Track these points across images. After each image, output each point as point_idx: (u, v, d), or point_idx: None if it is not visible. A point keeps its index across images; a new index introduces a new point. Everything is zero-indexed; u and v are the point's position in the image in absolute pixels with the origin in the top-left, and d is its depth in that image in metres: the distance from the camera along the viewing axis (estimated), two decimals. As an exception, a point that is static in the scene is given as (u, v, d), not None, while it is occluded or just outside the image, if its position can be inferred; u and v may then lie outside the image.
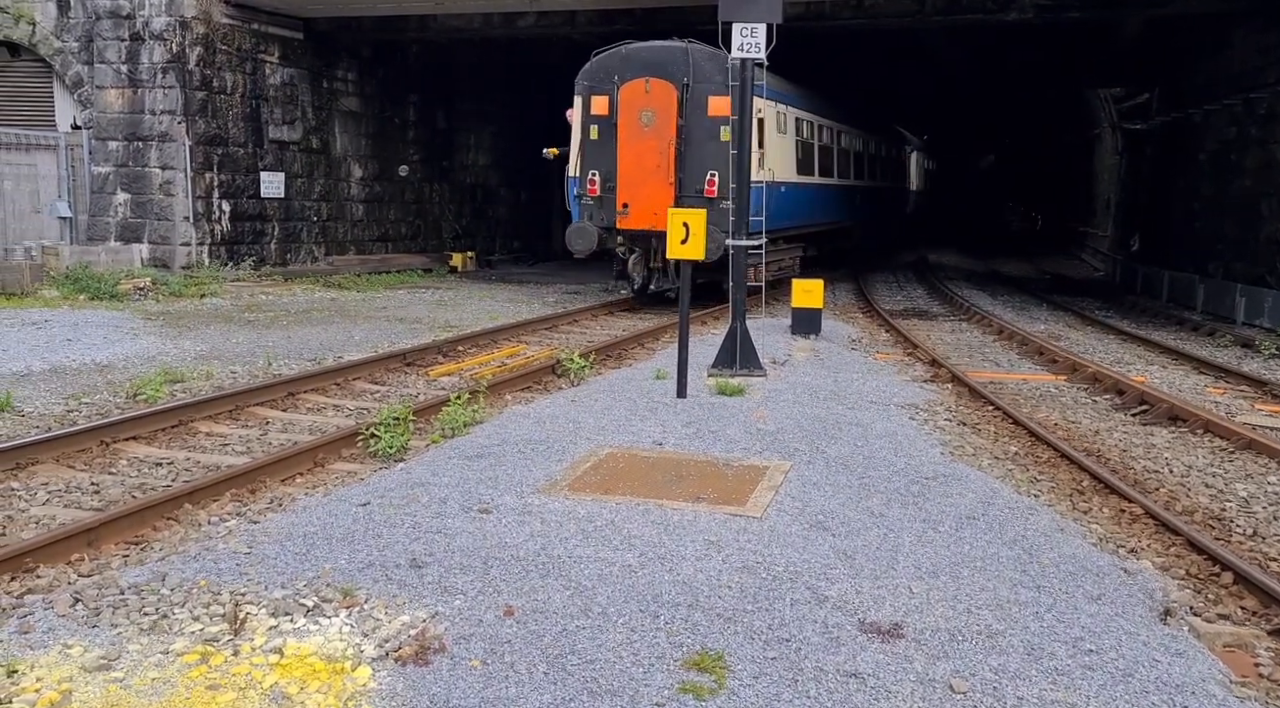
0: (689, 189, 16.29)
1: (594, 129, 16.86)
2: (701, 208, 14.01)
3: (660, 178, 16.45)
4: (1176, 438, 9.59)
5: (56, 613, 4.57)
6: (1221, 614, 5.40)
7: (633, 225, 16.63)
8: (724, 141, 15.13)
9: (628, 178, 16.54)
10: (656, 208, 15.62)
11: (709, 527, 5.88)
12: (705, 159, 16.13)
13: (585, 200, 17.07)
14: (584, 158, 17.08)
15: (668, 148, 16.40)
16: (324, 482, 7.28)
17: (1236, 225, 20.34)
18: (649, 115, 16.40)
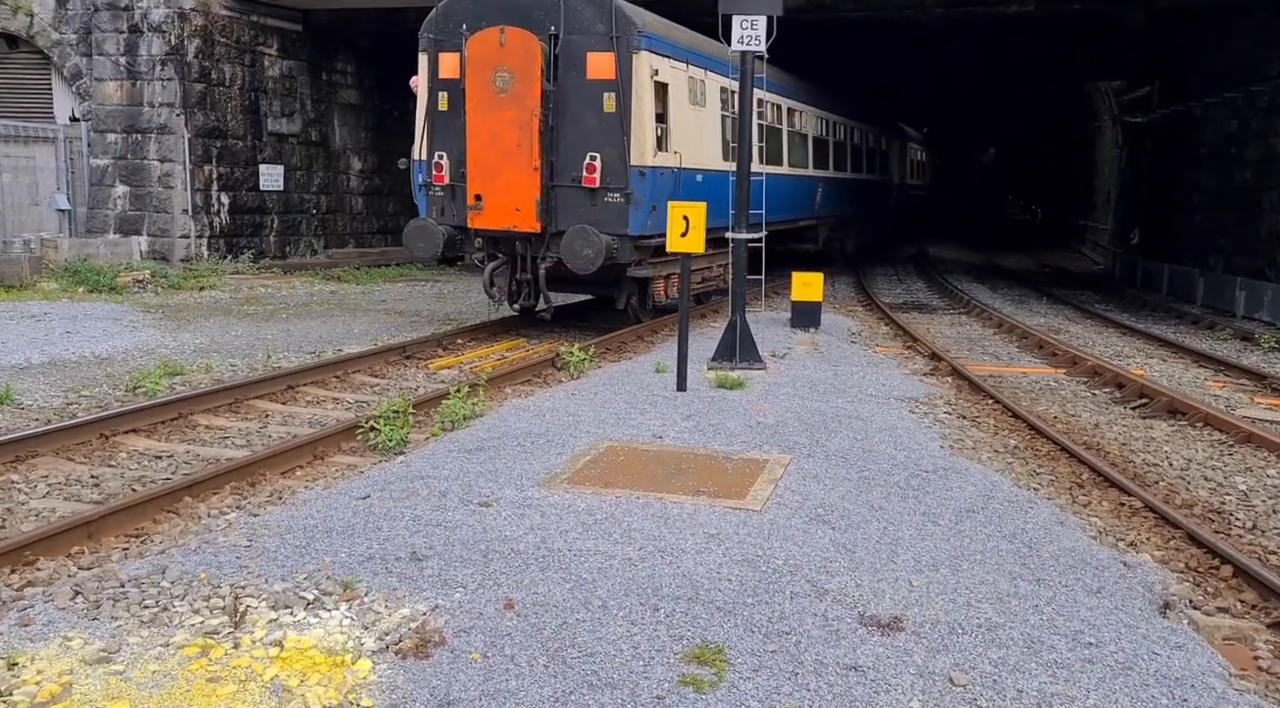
0: (563, 176, 12.62)
1: (443, 97, 13.10)
2: (581, 200, 12.46)
3: (522, 161, 12.44)
4: (1176, 432, 9.60)
5: (57, 606, 4.57)
6: (1221, 608, 5.41)
7: (487, 224, 12.75)
8: (609, 113, 12.35)
9: (480, 162, 12.55)
10: (519, 201, 12.46)
11: (709, 520, 5.88)
12: (584, 137, 12.47)
13: (433, 191, 13.27)
14: (430, 135, 13.23)
15: (530, 121, 12.33)
16: (324, 475, 7.28)
17: (1237, 219, 20.33)
18: (506, 77, 12.33)
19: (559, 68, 12.58)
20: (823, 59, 23.23)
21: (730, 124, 15.21)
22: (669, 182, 13.18)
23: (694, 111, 14.42)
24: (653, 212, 12.47)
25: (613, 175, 12.41)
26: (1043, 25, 23.10)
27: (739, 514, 6.01)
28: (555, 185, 12.65)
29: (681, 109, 13.82)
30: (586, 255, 12.04)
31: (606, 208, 12.48)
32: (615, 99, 12.35)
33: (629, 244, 12.64)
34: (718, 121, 15.43)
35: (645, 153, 12.52)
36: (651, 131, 12.62)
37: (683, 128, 13.79)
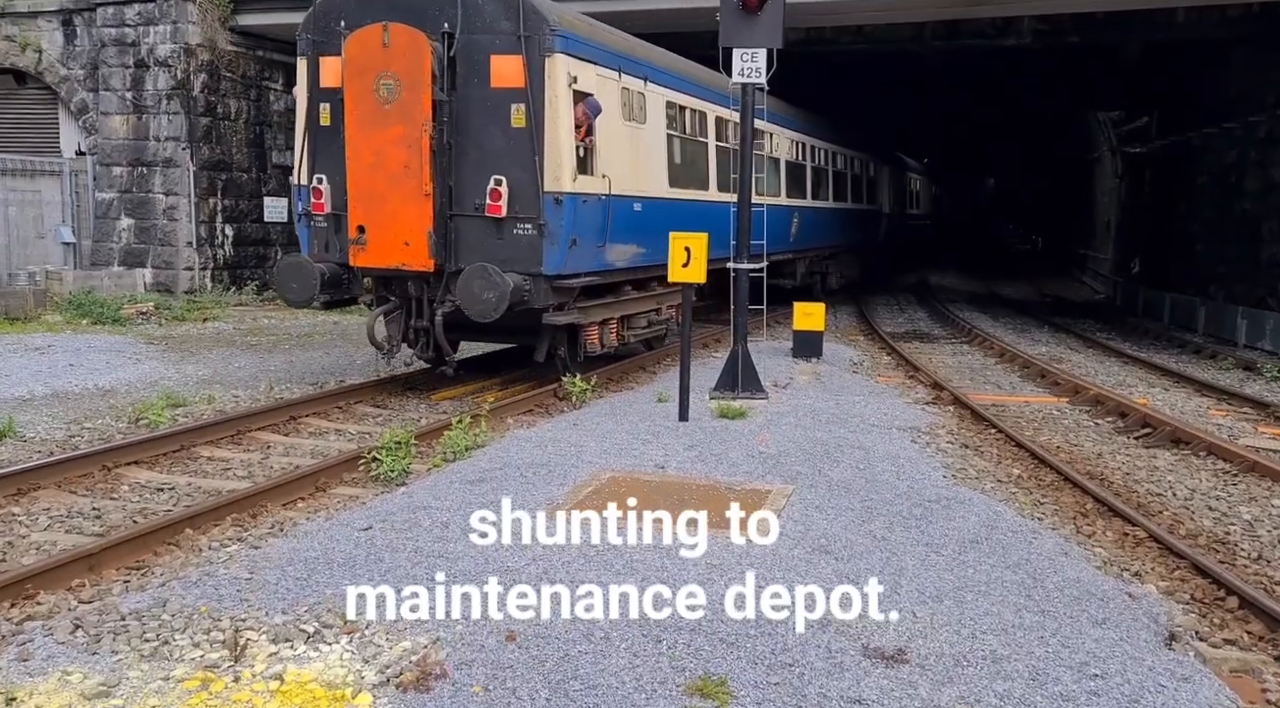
0: (463, 204, 10.55)
1: (324, 110, 10.95)
2: (485, 232, 10.43)
3: (410, 186, 10.34)
4: (1180, 461, 9.57)
5: (56, 640, 4.55)
6: (1227, 639, 5.37)
7: (372, 262, 10.65)
8: (517, 129, 10.31)
9: (361, 187, 10.52)
10: (408, 234, 10.38)
11: (711, 551, 5.85)
12: (488, 157, 10.45)
13: (315, 221, 11.18)
14: (311, 155, 11.14)
15: (420, 138, 10.25)
16: (326, 506, 7.26)
17: (1237, 248, 20.39)
18: (390, 85, 10.29)
19: (457, 74, 10.45)
20: (822, 91, 23.43)
21: (680, 145, 13.82)
22: (595, 211, 11.07)
23: (630, 129, 12.16)
24: (573, 246, 10.61)
25: (523, 203, 10.35)
26: (1041, 57, 23.31)
27: (741, 545, 5.97)
28: (455, 215, 10.58)
29: (612, 125, 11.56)
30: (487, 300, 9.98)
31: (516, 242, 10.46)
32: (525, 111, 10.29)
33: (544, 285, 10.54)
34: (662, 141, 13.15)
35: (562, 176, 10.43)
36: (570, 151, 10.53)
37: (614, 147, 11.52)
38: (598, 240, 11.21)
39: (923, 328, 21.28)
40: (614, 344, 12.23)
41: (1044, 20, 19.55)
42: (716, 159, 14.97)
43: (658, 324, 13.76)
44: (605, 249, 11.49)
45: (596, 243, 11.19)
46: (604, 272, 11.64)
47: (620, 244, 11.88)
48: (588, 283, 11.13)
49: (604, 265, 11.59)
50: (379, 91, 10.35)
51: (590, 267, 11.06)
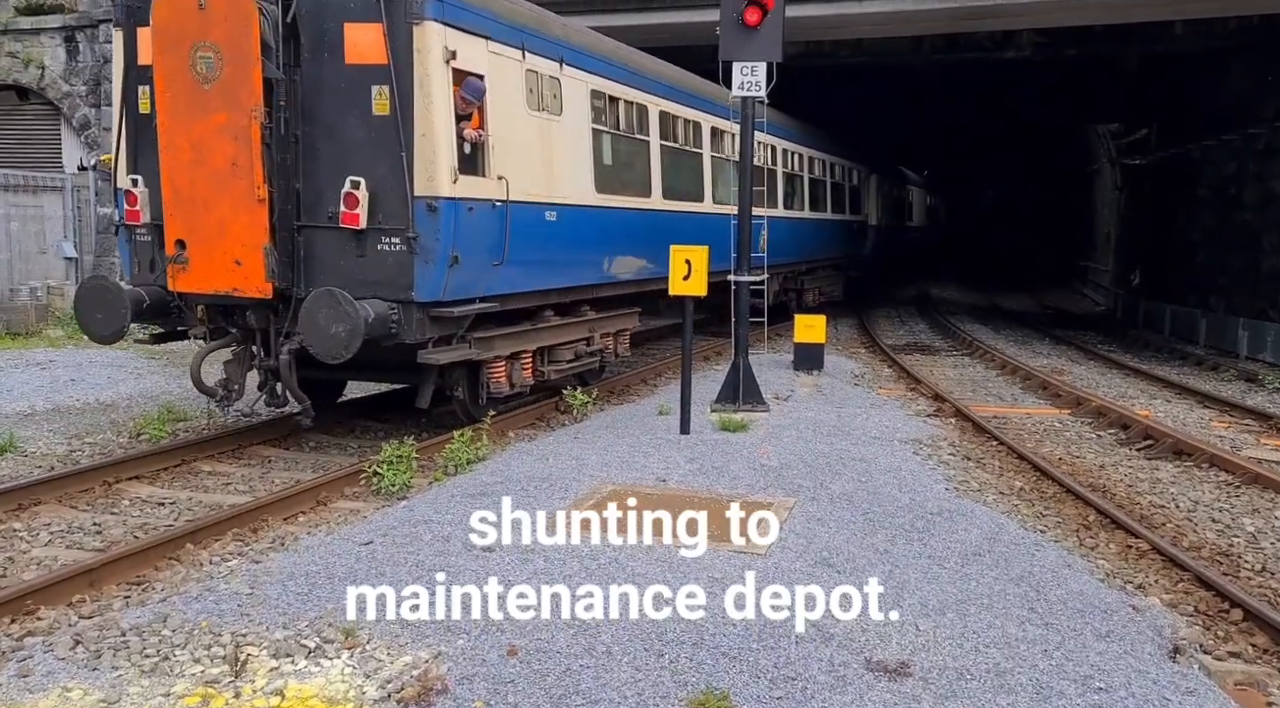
0: (315, 212, 8.54)
1: (143, 94, 8.97)
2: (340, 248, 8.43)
3: (240, 188, 8.28)
4: (1182, 472, 9.55)
5: (56, 656, 4.53)
6: (1232, 652, 5.35)
7: (195, 286, 8.63)
8: (380, 117, 8.34)
9: (180, 190, 8.46)
10: (238, 250, 8.35)
11: (713, 564, 5.84)
12: (342, 152, 8.46)
13: (136, 233, 9.21)
14: (129, 150, 9.17)
15: (249, 127, 8.20)
16: (327, 520, 7.25)
17: (1238, 260, 20.41)
18: (210, 59, 8.22)
19: (301, 45, 8.42)
20: (821, 104, 23.50)
21: (612, 144, 11.73)
22: (486, 220, 9.07)
23: (538, 121, 10.02)
24: (454, 265, 8.57)
25: (388, 211, 8.37)
26: (1040, 70, 23.40)
27: (743, 558, 5.97)
28: (303, 226, 8.55)
29: (513, 115, 9.52)
30: (335, 335, 7.94)
31: (381, 261, 8.43)
32: (389, 95, 8.29)
33: (417, 315, 8.53)
34: (586, 138, 11.05)
35: (437, 177, 8.38)
36: (449, 145, 8.52)
37: (516, 143, 9.50)
38: (492, 257, 9.18)
39: (924, 340, 21.28)
40: (528, 383, 10.29)
41: (1043, 33, 19.64)
42: (662, 161, 13.05)
43: (588, 356, 11.61)
44: (504, 268, 9.37)
45: (491, 260, 9.16)
46: (505, 296, 9.58)
47: (527, 261, 9.84)
48: (482, 310, 9.15)
49: (505, 288, 9.53)
50: (196, 67, 8.24)
51: (483, 290, 9.13)
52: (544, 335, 10.64)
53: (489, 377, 9.77)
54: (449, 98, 8.59)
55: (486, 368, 9.69)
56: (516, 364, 10.08)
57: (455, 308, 8.80)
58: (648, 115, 12.82)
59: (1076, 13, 17.19)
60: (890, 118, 31.09)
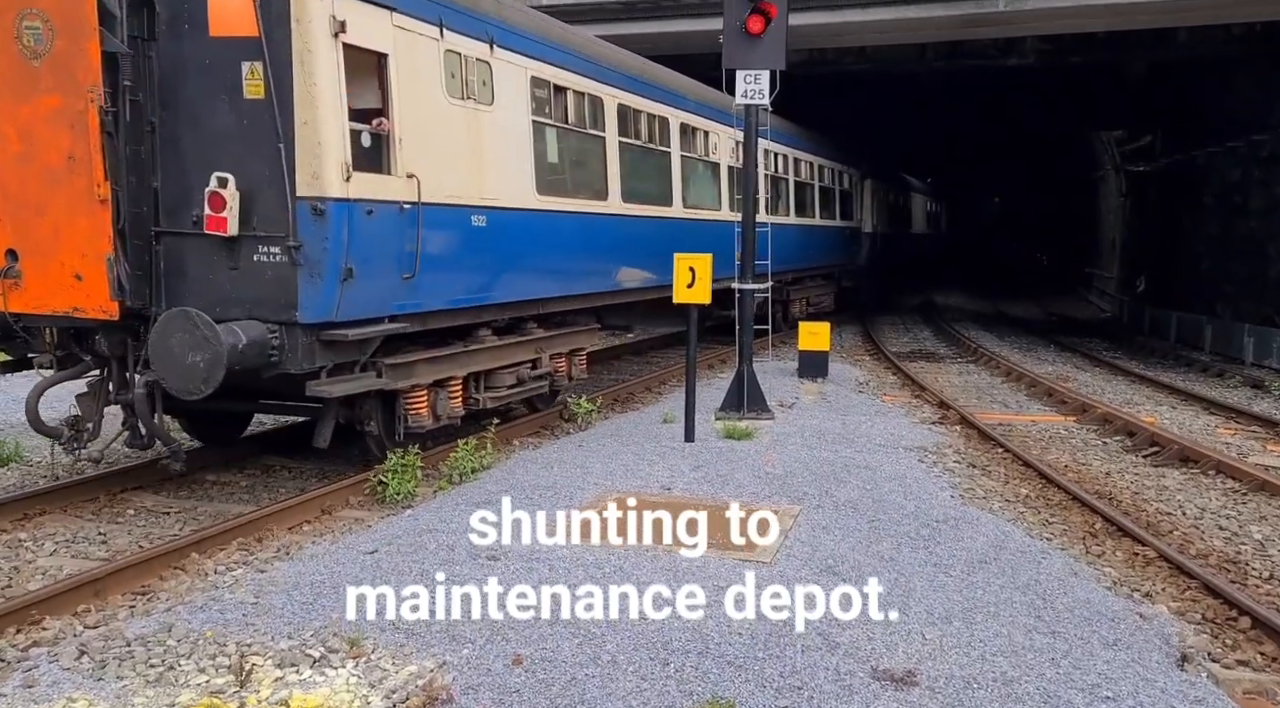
0: (177, 215, 7.18)
1: None
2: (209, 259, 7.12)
3: (78, 187, 6.99)
4: (1189, 480, 9.52)
5: (62, 666, 4.54)
6: (1240, 660, 5.32)
7: (31, 305, 7.27)
8: (253, 101, 7.03)
9: (7, 188, 7.22)
10: (79, 262, 7.04)
11: (718, 572, 5.83)
12: (209, 144, 7.15)
13: None
14: None
15: (86, 111, 6.91)
16: (331, 529, 7.25)
17: (1243, 266, 20.38)
18: (38, 29, 6.95)
19: (155, 14, 7.09)
20: (824, 111, 23.50)
21: (558, 139, 10.44)
22: (392, 226, 7.75)
23: (462, 112, 8.68)
24: (349, 280, 7.24)
25: (264, 214, 7.06)
26: (1044, 77, 23.41)
27: (748, 565, 5.95)
28: (162, 232, 7.19)
29: (428, 103, 8.23)
30: (193, 367, 6.68)
31: (256, 274, 7.11)
32: (262, 74, 6.97)
33: (304, 339, 7.21)
34: (525, 133, 9.72)
35: (324, 173, 7.08)
36: (339, 135, 7.19)
37: (432, 136, 8.27)
38: (401, 269, 7.84)
39: (928, 347, 21.25)
40: (457, 413, 8.99)
41: (1046, 40, 19.65)
42: (622, 161, 11.78)
43: (535, 380, 10.31)
44: (419, 282, 8.03)
45: (400, 273, 7.83)
46: (423, 315, 8.35)
47: (450, 274, 8.59)
48: (391, 331, 7.85)
49: (421, 305, 8.24)
50: (22, 39, 6.90)
51: (392, 308, 7.86)
52: (478, 358, 9.35)
53: (407, 408, 8.39)
54: (338, 78, 7.17)
55: (404, 398, 8.36)
56: (442, 393, 8.76)
57: (352, 330, 7.43)
58: (603, 108, 11.39)
59: (1080, 20, 17.19)
60: (893, 125, 31.09)
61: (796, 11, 14.59)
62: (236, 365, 6.77)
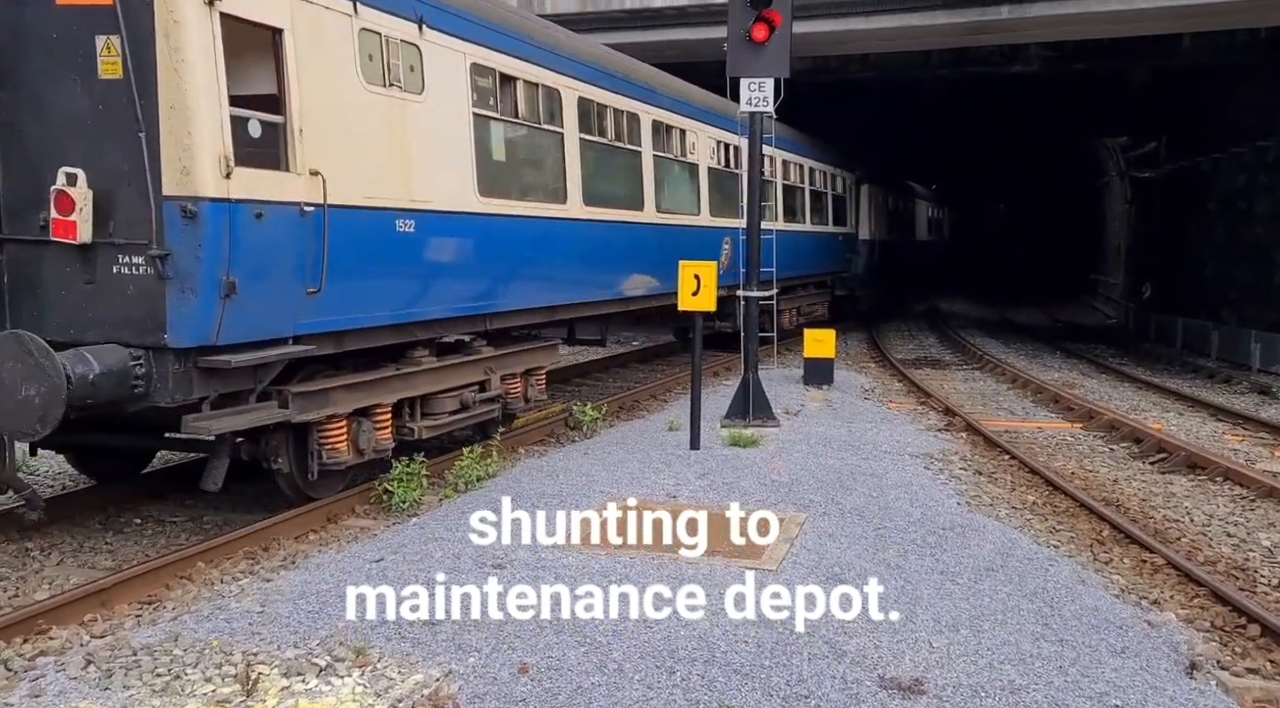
0: (21, 218, 6.25)
1: None
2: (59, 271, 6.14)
3: None
4: (1196, 486, 9.49)
5: (68, 675, 4.54)
6: (1250, 668, 5.29)
7: None
8: (109, 81, 6.04)
9: None
10: None
11: (724, 580, 5.81)
12: (54, 133, 6.18)
13: None
14: None
15: None
16: (337, 538, 7.24)
17: (1249, 272, 20.35)
18: None
19: None
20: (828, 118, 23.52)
21: (505, 134, 9.35)
22: (289, 231, 6.58)
23: (384, 101, 7.51)
24: (232, 296, 6.18)
25: (124, 218, 6.08)
26: (1048, 84, 23.43)
27: (754, 573, 5.94)
28: (4, 239, 6.28)
29: (337, 88, 7.05)
30: (27, 402, 5.71)
31: (116, 289, 6.12)
32: (119, 49, 5.98)
33: (175, 367, 6.20)
34: (465, 126, 8.55)
35: (198, 169, 6.04)
36: (216, 123, 6.12)
37: (343, 127, 7.10)
38: (305, 282, 6.66)
39: (934, 354, 21.22)
40: (385, 446, 7.89)
41: (1050, 47, 19.67)
42: (584, 160, 10.70)
43: (484, 404, 9.22)
44: (328, 296, 6.87)
45: (303, 286, 6.66)
46: (336, 335, 7.26)
47: (369, 287, 7.42)
48: (291, 355, 6.72)
49: (331, 324, 7.10)
50: None
51: (292, 327, 6.67)
52: (413, 382, 8.24)
53: (322, 442, 7.27)
54: (213, 55, 6.08)
55: (318, 431, 7.22)
56: (365, 424, 7.65)
57: (238, 355, 6.34)
58: (560, 102, 10.21)
59: (1084, 27, 17.21)
60: (898, 132, 31.14)
61: (800, 19, 14.61)
62: (88, 399, 5.77)
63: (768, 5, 10.14)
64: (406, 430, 8.30)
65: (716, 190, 14.80)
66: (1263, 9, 15.82)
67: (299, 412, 6.96)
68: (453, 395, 8.78)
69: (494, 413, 9.49)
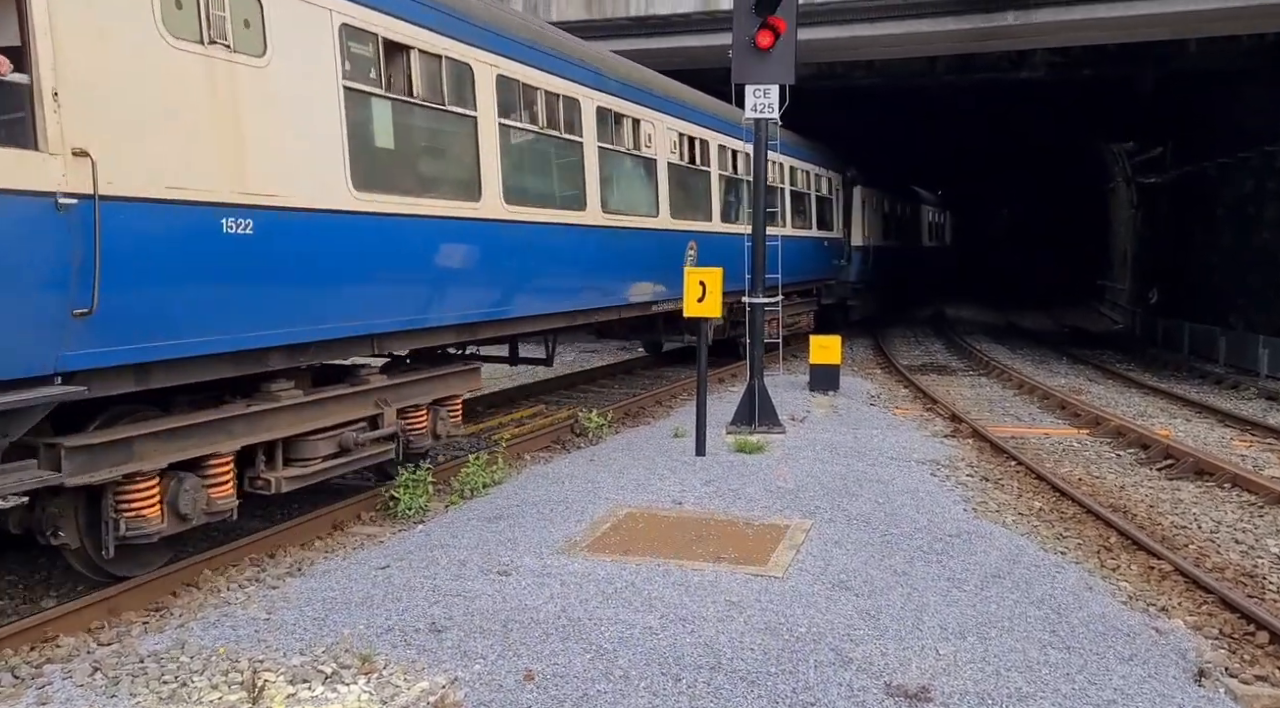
0: None
1: None
2: None
3: None
4: (1204, 493, 9.46)
5: (75, 683, 4.55)
6: (1259, 675, 5.26)
7: None
8: None
9: None
10: None
11: (730, 587, 5.81)
12: None
13: None
14: None
15: None
16: (343, 545, 7.25)
17: (1258, 278, 20.29)
18: None
19: None
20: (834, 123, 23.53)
21: (396, 116, 7.58)
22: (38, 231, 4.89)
23: (197, 62, 5.84)
24: None
25: None
26: (1054, 89, 23.40)
27: (761, 581, 5.94)
28: None
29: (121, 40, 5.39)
30: None
31: None
32: None
33: None
34: (332, 102, 6.83)
35: None
36: None
37: (129, 91, 5.42)
38: (68, 300, 5.00)
39: (940, 360, 21.19)
40: (223, 507, 6.27)
41: (1057, 53, 19.67)
42: (504, 149, 8.93)
43: (377, 444, 7.62)
44: (107, 318, 5.20)
45: (66, 307, 5.00)
46: (133, 368, 5.55)
47: (178, 306, 5.71)
48: (46, 400, 4.94)
49: (118, 355, 5.35)
50: None
51: (49, 362, 4.96)
52: (269, 423, 6.57)
53: (120, 509, 5.66)
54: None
55: (114, 494, 5.65)
56: (188, 481, 5.99)
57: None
58: (473, 80, 8.48)
59: (1090, 33, 17.19)
60: (903, 137, 31.16)
61: (805, 26, 14.64)
62: None
63: (772, 12, 10.16)
64: (262, 482, 6.65)
65: (678, 189, 13.17)
66: (1269, 15, 15.80)
67: (79, 471, 5.29)
68: (328, 437, 7.14)
69: (389, 453, 7.80)
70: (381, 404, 7.76)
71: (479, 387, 9.11)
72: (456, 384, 8.82)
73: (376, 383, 7.76)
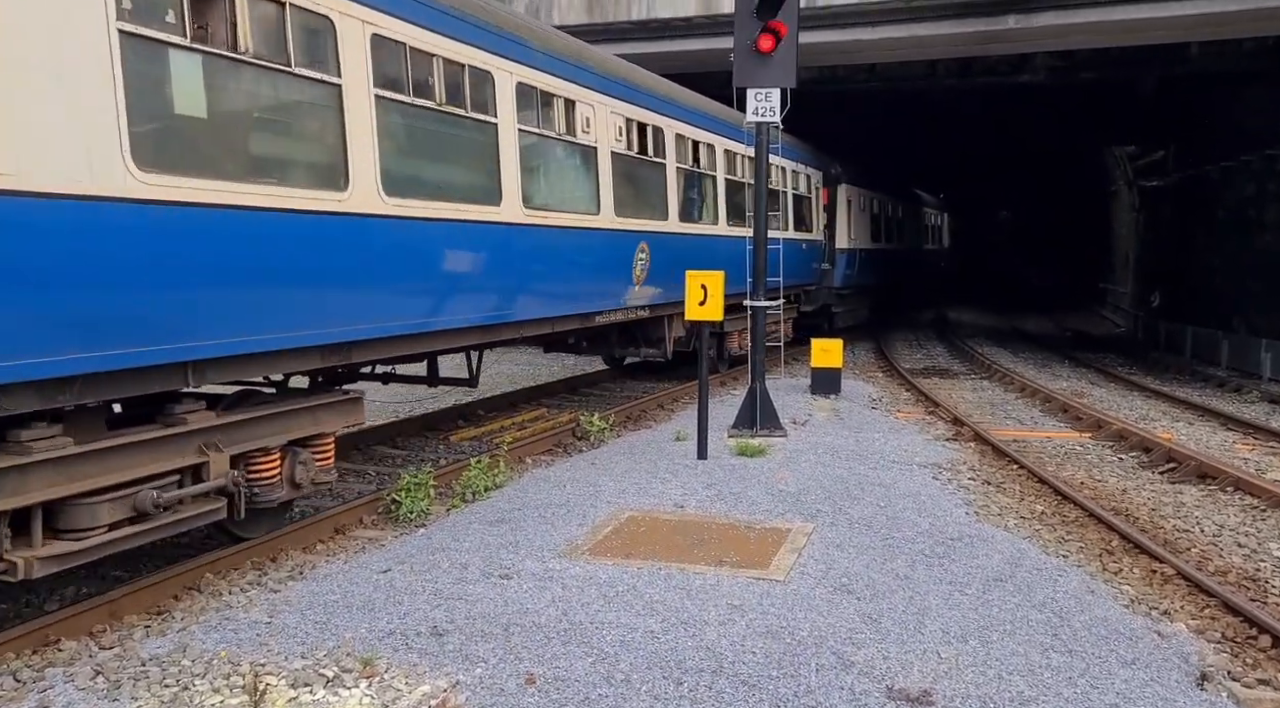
0: None
1: None
2: None
3: None
4: (1206, 496, 9.44)
5: (77, 686, 4.55)
6: (1261, 679, 5.25)
7: None
8: None
9: None
10: None
11: (732, 591, 5.81)
12: None
13: None
14: None
15: None
16: (345, 549, 7.25)
17: (1260, 281, 20.28)
18: None
19: None
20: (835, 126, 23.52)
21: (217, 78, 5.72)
22: None
23: None
24: None
25: None
26: (1055, 92, 23.40)
27: (762, 585, 5.94)
28: None
29: None
30: None
31: None
32: None
33: None
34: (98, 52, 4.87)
35: None
36: None
37: None
38: None
39: (941, 363, 21.18)
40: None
41: (1058, 56, 19.67)
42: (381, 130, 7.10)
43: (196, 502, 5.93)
44: None
45: None
46: None
47: None
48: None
49: None
50: None
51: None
52: (17, 482, 4.81)
53: None
54: None
55: None
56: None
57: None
58: (334, 38, 6.63)
59: (1092, 36, 17.20)
60: (904, 140, 31.15)
61: (807, 30, 14.65)
62: None
63: (774, 16, 10.17)
64: (3, 566, 4.86)
65: (625, 184, 11.55)
66: (1271, 18, 15.79)
67: None
68: (116, 499, 5.34)
69: (219, 513, 6.07)
70: (210, 448, 5.95)
71: (360, 421, 7.36)
72: (328, 419, 6.99)
73: (199, 423, 5.89)
